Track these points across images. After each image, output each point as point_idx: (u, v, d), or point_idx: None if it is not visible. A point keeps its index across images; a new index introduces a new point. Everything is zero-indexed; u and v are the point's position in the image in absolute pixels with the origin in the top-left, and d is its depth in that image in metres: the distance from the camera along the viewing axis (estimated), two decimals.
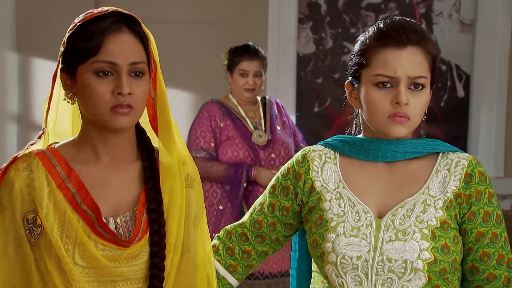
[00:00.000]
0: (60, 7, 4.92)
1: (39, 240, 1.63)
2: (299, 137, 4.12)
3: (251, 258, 1.92)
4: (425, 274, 1.72)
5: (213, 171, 3.88)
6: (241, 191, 3.85)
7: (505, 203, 5.21)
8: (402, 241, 1.73)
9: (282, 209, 1.89)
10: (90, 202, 1.65)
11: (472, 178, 1.77)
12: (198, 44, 4.93)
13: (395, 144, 1.79)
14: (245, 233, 1.92)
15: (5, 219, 1.63)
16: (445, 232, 1.74)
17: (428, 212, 1.75)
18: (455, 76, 5.31)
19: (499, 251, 1.76)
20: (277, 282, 3.93)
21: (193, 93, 4.91)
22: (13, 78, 4.95)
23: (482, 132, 5.24)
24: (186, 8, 4.99)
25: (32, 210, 1.63)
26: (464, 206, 1.76)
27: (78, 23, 1.68)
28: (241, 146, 3.90)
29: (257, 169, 3.86)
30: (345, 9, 5.22)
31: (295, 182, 1.88)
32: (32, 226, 1.63)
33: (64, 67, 1.68)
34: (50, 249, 1.62)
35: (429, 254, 1.72)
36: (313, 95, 5.19)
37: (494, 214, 1.78)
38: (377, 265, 1.75)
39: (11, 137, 4.97)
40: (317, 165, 1.87)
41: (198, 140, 3.92)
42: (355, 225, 1.78)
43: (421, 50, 1.75)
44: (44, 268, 1.62)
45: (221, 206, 3.89)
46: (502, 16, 5.15)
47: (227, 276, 1.91)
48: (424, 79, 1.75)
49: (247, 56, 3.92)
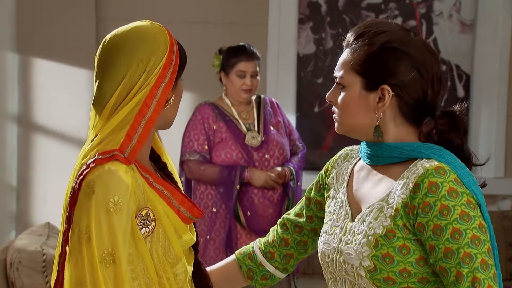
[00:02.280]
0: (60, 7, 4.92)
1: (152, 234, 1.78)
2: (295, 136, 4.11)
3: (289, 246, 2.02)
4: (369, 281, 1.71)
5: (207, 174, 3.88)
6: (235, 193, 3.85)
7: (505, 204, 5.21)
8: (353, 245, 1.75)
9: (315, 202, 1.99)
10: (173, 190, 1.84)
11: (419, 189, 1.67)
12: (198, 45, 4.93)
13: (376, 148, 1.79)
14: (286, 223, 2.04)
15: (123, 219, 1.71)
16: (389, 241, 1.69)
17: (378, 220, 1.72)
18: (455, 76, 5.31)
19: (456, 268, 1.63)
20: (280, 281, 3.93)
21: (193, 94, 4.91)
22: (13, 78, 4.95)
23: (482, 132, 5.24)
24: (186, 8, 4.99)
25: (145, 206, 1.77)
26: (410, 217, 1.69)
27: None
28: (234, 148, 3.90)
29: (251, 171, 3.86)
30: (345, 10, 5.22)
31: (324, 179, 1.98)
32: (146, 221, 1.77)
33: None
34: (159, 240, 1.79)
35: (369, 261, 1.71)
36: (313, 95, 5.19)
37: (449, 228, 1.64)
38: (339, 266, 1.79)
39: (11, 137, 4.97)
40: (339, 163, 1.96)
41: (192, 143, 3.92)
42: (335, 225, 1.84)
43: (348, 50, 1.81)
44: (156, 258, 1.79)
45: (215, 209, 3.89)
46: (502, 16, 5.15)
47: (264, 263, 2.02)
48: (341, 79, 1.80)
49: (244, 57, 3.92)
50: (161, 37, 1.82)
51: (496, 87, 5.18)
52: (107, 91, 1.79)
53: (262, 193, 3.92)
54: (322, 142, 5.16)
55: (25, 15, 4.92)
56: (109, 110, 1.79)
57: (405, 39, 1.77)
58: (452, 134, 1.78)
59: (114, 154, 1.74)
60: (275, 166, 3.94)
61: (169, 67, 1.80)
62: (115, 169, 1.72)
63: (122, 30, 1.83)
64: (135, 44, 1.79)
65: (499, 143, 5.21)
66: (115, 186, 1.71)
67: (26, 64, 4.98)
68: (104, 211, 1.69)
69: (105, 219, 1.69)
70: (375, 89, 1.76)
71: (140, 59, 1.78)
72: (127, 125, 1.77)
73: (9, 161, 4.96)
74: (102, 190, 1.70)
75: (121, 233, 1.70)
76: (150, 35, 1.81)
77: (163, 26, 1.87)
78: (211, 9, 5.01)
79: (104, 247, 1.69)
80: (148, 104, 1.77)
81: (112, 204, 1.70)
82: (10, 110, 4.95)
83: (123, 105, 1.78)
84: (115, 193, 1.70)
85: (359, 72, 1.77)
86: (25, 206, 4.99)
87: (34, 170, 4.98)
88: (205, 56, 4.65)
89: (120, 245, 1.70)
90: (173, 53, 1.82)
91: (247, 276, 2.03)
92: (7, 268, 3.89)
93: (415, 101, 1.78)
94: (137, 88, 1.78)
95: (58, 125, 4.95)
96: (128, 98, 1.77)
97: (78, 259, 1.70)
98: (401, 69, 1.75)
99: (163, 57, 1.80)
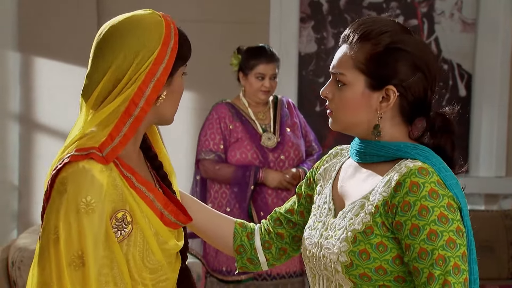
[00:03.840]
0: (62, 6, 4.92)
1: (129, 237, 1.69)
2: (311, 137, 4.10)
3: (284, 241, 2.02)
4: (345, 277, 1.72)
5: (221, 173, 3.88)
6: (249, 193, 3.85)
7: (506, 203, 5.21)
8: (332, 240, 1.76)
9: (306, 196, 2.00)
10: (156, 192, 1.76)
11: (400, 188, 1.67)
12: (199, 43, 4.93)
13: (364, 145, 1.80)
14: (279, 218, 2.04)
15: (94, 221, 1.63)
16: (367, 238, 1.70)
17: (359, 216, 1.73)
18: (456, 75, 5.31)
19: (429, 269, 1.63)
20: (285, 283, 3.93)
21: (195, 92, 4.91)
22: (15, 77, 4.95)
23: (483, 131, 5.24)
24: (188, 7, 4.99)
25: (121, 208, 1.68)
26: (389, 215, 1.69)
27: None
28: (249, 148, 3.89)
29: (265, 171, 3.85)
30: (347, 9, 5.22)
31: (314, 174, 2.00)
32: (122, 223, 1.68)
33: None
34: (136, 244, 1.70)
35: (346, 257, 1.71)
36: (314, 94, 5.19)
37: (426, 228, 1.64)
38: (318, 261, 1.80)
39: (13, 136, 4.97)
40: (328, 160, 1.97)
41: (208, 142, 3.92)
42: (318, 220, 1.86)
43: (349, 47, 1.82)
44: (132, 262, 1.70)
45: (229, 208, 3.89)
46: (504, 15, 5.14)
47: (259, 250, 2.02)
48: (342, 76, 1.79)
49: (264, 59, 3.89)
50: (156, 29, 1.73)
51: (497, 86, 5.18)
52: (94, 81, 1.71)
53: (276, 193, 3.91)
54: (323, 141, 5.16)
55: (27, 14, 4.93)
56: (95, 100, 1.71)
57: (408, 40, 1.78)
58: (442, 136, 1.79)
59: (91, 152, 1.65)
60: (290, 167, 3.93)
61: (161, 63, 1.71)
62: (89, 168, 1.64)
63: (119, 18, 1.76)
64: (125, 35, 1.71)
65: (501, 142, 5.21)
66: (88, 185, 1.63)
67: (28, 63, 4.98)
68: (74, 211, 1.61)
69: (75, 219, 1.61)
70: (379, 89, 1.77)
71: (128, 51, 1.69)
72: (112, 124, 1.69)
73: (11, 160, 4.96)
74: (74, 189, 1.62)
75: (92, 235, 1.62)
76: (143, 26, 1.72)
77: (164, 16, 1.77)
78: (213, 8, 5.01)
79: (73, 249, 1.61)
80: (136, 102, 1.69)
81: (83, 205, 1.61)
82: (12, 109, 4.96)
83: (110, 99, 1.70)
84: (87, 193, 1.62)
85: (363, 71, 1.77)
86: (27, 205, 4.99)
87: (36, 169, 4.98)
88: (206, 55, 4.66)
89: (90, 248, 1.61)
90: (168, 47, 1.72)
91: (236, 249, 2.01)
92: (9, 267, 3.89)
93: (416, 101, 1.78)
94: (125, 81, 1.69)
95: (60, 124, 4.95)
96: (115, 91, 1.69)
97: (45, 261, 1.62)
98: (405, 70, 1.76)
99: (155, 51, 1.70)
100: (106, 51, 1.71)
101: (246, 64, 3.91)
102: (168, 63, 1.72)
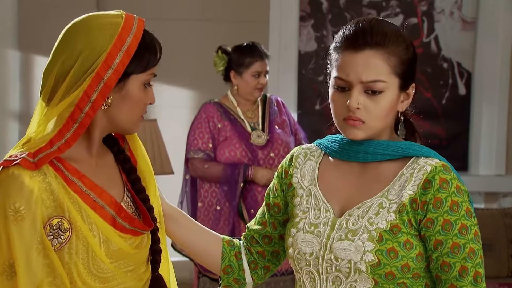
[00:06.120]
0: (62, 5, 4.92)
1: (66, 244, 1.62)
2: (301, 135, 4.11)
3: (266, 259, 1.98)
4: (369, 277, 1.72)
5: (211, 172, 3.88)
6: (239, 191, 3.85)
7: (506, 201, 5.21)
8: (350, 241, 1.74)
9: (273, 206, 1.94)
10: (108, 198, 1.67)
11: (430, 185, 1.70)
12: (199, 42, 4.93)
13: (365, 145, 1.79)
14: (253, 236, 1.98)
15: (24, 229, 1.57)
16: (394, 236, 1.71)
17: (380, 215, 1.73)
18: (456, 73, 5.31)
19: (461, 263, 1.69)
20: (277, 281, 3.94)
21: (194, 91, 4.91)
22: (15, 76, 4.96)
23: (483, 130, 5.24)
24: (187, 6, 4.99)
25: (56, 214, 1.61)
26: (419, 212, 1.71)
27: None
28: (238, 147, 3.90)
29: (254, 169, 3.86)
30: (347, 7, 5.22)
31: (282, 180, 1.93)
32: (58, 231, 1.61)
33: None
34: (78, 252, 1.62)
35: (372, 256, 1.71)
36: (314, 93, 5.20)
37: (457, 223, 1.70)
38: (326, 263, 1.77)
39: (13, 134, 4.98)
40: (300, 162, 1.91)
41: (196, 141, 3.93)
42: (313, 222, 1.82)
43: (381, 52, 1.73)
44: (75, 271, 1.62)
45: (219, 207, 3.89)
46: (504, 13, 5.15)
47: (246, 271, 1.97)
48: (382, 83, 1.73)
49: (259, 56, 3.90)
50: (108, 29, 1.65)
51: (497, 85, 5.19)
52: (45, 77, 1.66)
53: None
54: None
55: (27, 13, 4.93)
56: (47, 96, 1.65)
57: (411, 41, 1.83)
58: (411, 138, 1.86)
59: (22, 158, 1.59)
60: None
61: (109, 66, 1.62)
62: (19, 174, 1.57)
63: (80, 17, 1.72)
64: (74, 33, 1.66)
65: (500, 140, 5.21)
66: (17, 192, 1.56)
67: (28, 62, 4.99)
68: (3, 218, 1.55)
69: (3, 227, 1.55)
70: (406, 88, 1.79)
71: (73, 49, 1.63)
72: (56, 129, 1.63)
73: None
74: (2, 196, 1.56)
75: (23, 243, 1.55)
76: (93, 26, 1.66)
77: (127, 18, 1.70)
78: (213, 6, 5.01)
79: (4, 258, 1.55)
80: (81, 108, 1.61)
81: (12, 212, 1.55)
82: (12, 107, 4.96)
83: (59, 95, 1.63)
84: (15, 200, 1.56)
85: (398, 74, 1.76)
86: None
87: None
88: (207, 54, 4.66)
89: (20, 257, 1.55)
90: (120, 50, 1.63)
91: (223, 269, 1.96)
92: None
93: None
94: (69, 79, 1.62)
95: None
96: (62, 88, 1.62)
97: None
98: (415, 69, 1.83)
99: (102, 53, 1.62)
100: (56, 48, 1.68)
101: (239, 63, 3.90)
102: (118, 66, 1.62)
